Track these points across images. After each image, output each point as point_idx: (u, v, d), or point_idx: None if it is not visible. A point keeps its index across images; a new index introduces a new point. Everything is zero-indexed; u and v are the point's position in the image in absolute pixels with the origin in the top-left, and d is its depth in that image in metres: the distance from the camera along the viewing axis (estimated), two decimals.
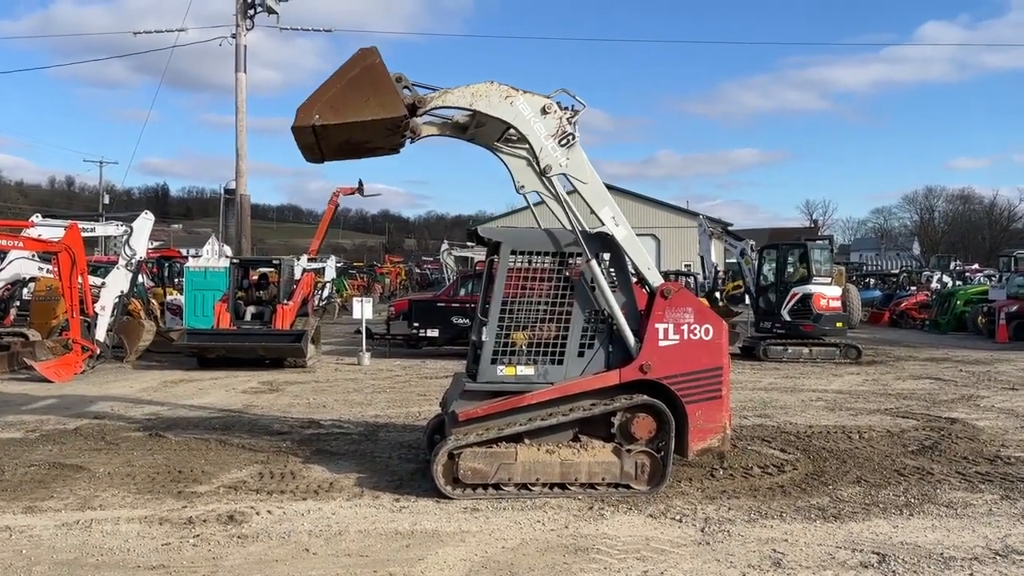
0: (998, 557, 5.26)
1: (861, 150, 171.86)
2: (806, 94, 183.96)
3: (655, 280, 6.82)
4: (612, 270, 7.01)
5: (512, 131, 6.66)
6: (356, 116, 6.18)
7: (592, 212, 6.78)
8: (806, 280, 17.39)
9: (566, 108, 6.61)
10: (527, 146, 6.62)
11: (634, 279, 7.03)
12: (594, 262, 6.62)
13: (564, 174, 6.65)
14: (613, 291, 6.92)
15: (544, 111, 6.51)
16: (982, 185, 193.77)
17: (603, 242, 6.87)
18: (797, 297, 17.41)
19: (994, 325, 22.27)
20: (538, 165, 6.59)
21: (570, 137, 6.57)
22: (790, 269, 18.18)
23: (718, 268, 24.65)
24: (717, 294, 22.75)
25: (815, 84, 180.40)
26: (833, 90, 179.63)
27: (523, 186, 6.80)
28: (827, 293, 17.17)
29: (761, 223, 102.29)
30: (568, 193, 6.78)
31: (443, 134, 6.99)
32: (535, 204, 7.04)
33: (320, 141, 6.36)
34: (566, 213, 6.73)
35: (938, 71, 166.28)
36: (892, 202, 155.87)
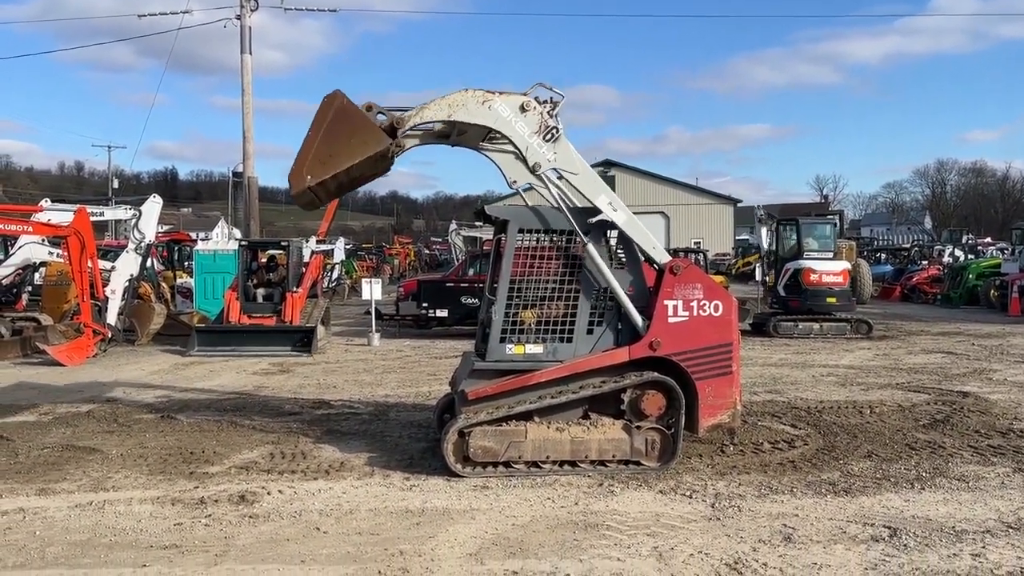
0: (1010, 530, 5.24)
1: (873, 124, 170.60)
2: (818, 68, 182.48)
3: (662, 258, 6.78)
4: (619, 248, 6.98)
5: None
6: (345, 162, 6.35)
7: (588, 201, 6.71)
8: (798, 255, 17.36)
9: (545, 102, 6.54)
10: (513, 145, 6.57)
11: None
12: (591, 246, 6.58)
13: (554, 168, 6.58)
14: (620, 269, 6.91)
15: (523, 109, 6.44)
16: (995, 158, 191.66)
17: (611, 221, 6.83)
18: (789, 272, 17.43)
19: (1006, 298, 22.14)
20: (527, 164, 6.53)
21: (554, 131, 6.50)
22: (788, 244, 18.18)
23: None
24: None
25: (827, 58, 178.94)
26: (846, 63, 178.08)
27: (515, 181, 6.72)
28: (818, 268, 17.05)
29: (771, 199, 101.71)
30: (558, 178, 6.71)
31: (426, 143, 6.97)
32: (525, 190, 6.98)
33: (318, 194, 6.52)
34: (561, 204, 6.66)
35: (952, 42, 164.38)
36: (903, 176, 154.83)
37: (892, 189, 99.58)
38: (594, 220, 6.73)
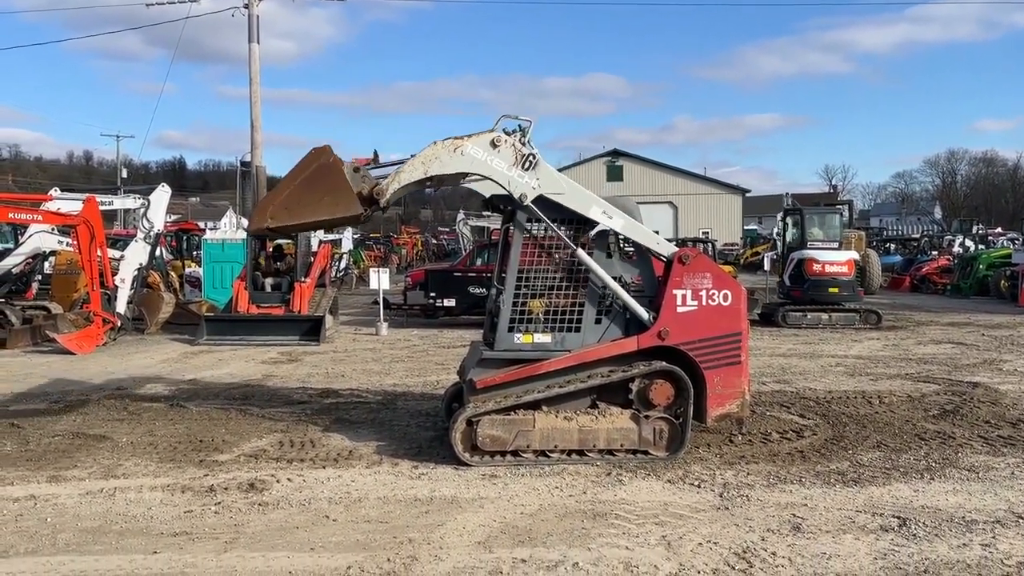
0: (1020, 520, 5.23)
1: (883, 114, 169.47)
2: (828, 57, 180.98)
3: (667, 251, 6.76)
4: (625, 239, 6.94)
5: None
6: (309, 216, 6.45)
7: (582, 216, 6.63)
8: (802, 245, 17.33)
9: (514, 132, 6.53)
10: (494, 182, 6.58)
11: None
12: (581, 252, 6.56)
13: (540, 195, 6.53)
14: (628, 260, 6.89)
15: (494, 145, 6.43)
16: (1006, 147, 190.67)
17: (619, 210, 6.81)
18: (794, 262, 17.41)
19: (1017, 289, 22.04)
20: (514, 196, 6.51)
21: (531, 158, 6.47)
22: (793, 234, 18.17)
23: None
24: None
25: (837, 46, 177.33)
26: (856, 52, 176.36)
27: (524, 195, 6.57)
28: (821, 258, 17.02)
29: (779, 189, 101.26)
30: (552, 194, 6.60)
31: (408, 192, 7.00)
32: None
33: (274, 232, 6.77)
34: (557, 231, 6.61)
35: (964, 31, 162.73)
36: (913, 166, 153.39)
37: (902, 179, 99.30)
38: (593, 232, 6.69)
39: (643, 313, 6.60)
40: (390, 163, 6.90)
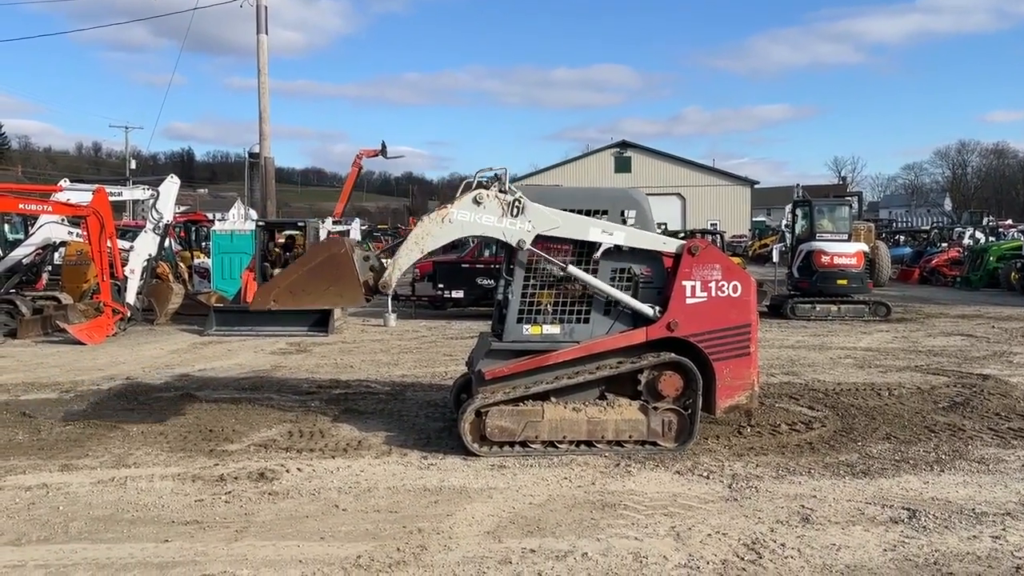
0: None
1: (893, 105, 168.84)
2: (838, 47, 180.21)
3: (674, 248, 6.73)
4: (637, 227, 6.92)
5: None
6: (312, 303, 6.63)
7: (583, 240, 6.62)
8: (811, 237, 17.28)
9: (492, 181, 6.51)
10: (490, 239, 6.58)
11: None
12: (572, 268, 6.54)
13: (538, 235, 6.50)
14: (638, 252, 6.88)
15: (477, 203, 6.41)
16: (1018, 139, 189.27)
17: (626, 201, 6.81)
18: (803, 254, 17.37)
19: None
20: (512, 245, 6.50)
21: (517, 203, 6.44)
22: (802, 226, 18.12)
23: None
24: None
25: (847, 37, 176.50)
26: (866, 42, 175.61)
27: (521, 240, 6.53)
28: (830, 250, 16.97)
29: (788, 181, 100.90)
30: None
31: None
32: (546, 168, 6.92)
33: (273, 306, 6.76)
34: (565, 264, 6.60)
35: (976, 21, 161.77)
36: (924, 157, 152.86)
37: (912, 171, 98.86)
38: (598, 254, 6.66)
39: (647, 310, 6.59)
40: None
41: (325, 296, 6.45)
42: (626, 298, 6.62)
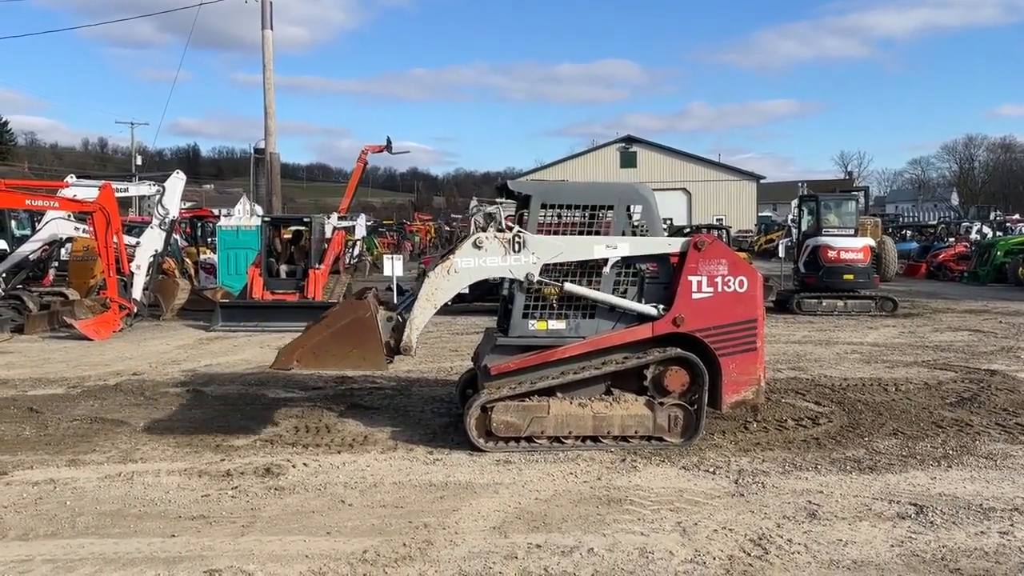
0: None
1: (899, 99, 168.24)
2: (844, 41, 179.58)
3: (679, 247, 6.70)
4: (643, 222, 6.91)
5: None
6: (335, 366, 6.67)
7: (586, 262, 6.62)
8: (817, 232, 17.23)
9: (488, 219, 6.47)
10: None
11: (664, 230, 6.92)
12: (568, 285, 6.52)
13: (543, 266, 6.48)
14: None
15: (478, 246, 6.39)
16: None
17: (632, 196, 6.80)
18: (809, 249, 17.32)
19: None
20: (521, 281, 6.48)
21: (517, 237, 6.40)
22: (808, 221, 18.07)
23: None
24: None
25: (854, 31, 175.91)
26: (873, 37, 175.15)
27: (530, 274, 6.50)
28: (836, 245, 16.91)
29: (794, 176, 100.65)
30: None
31: None
32: (551, 164, 6.90)
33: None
34: (563, 219, 6.62)
35: (985, 15, 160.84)
36: (930, 152, 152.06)
37: (918, 165, 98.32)
38: (608, 269, 6.64)
39: (650, 311, 6.58)
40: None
41: (348, 358, 6.44)
42: (627, 303, 6.60)
